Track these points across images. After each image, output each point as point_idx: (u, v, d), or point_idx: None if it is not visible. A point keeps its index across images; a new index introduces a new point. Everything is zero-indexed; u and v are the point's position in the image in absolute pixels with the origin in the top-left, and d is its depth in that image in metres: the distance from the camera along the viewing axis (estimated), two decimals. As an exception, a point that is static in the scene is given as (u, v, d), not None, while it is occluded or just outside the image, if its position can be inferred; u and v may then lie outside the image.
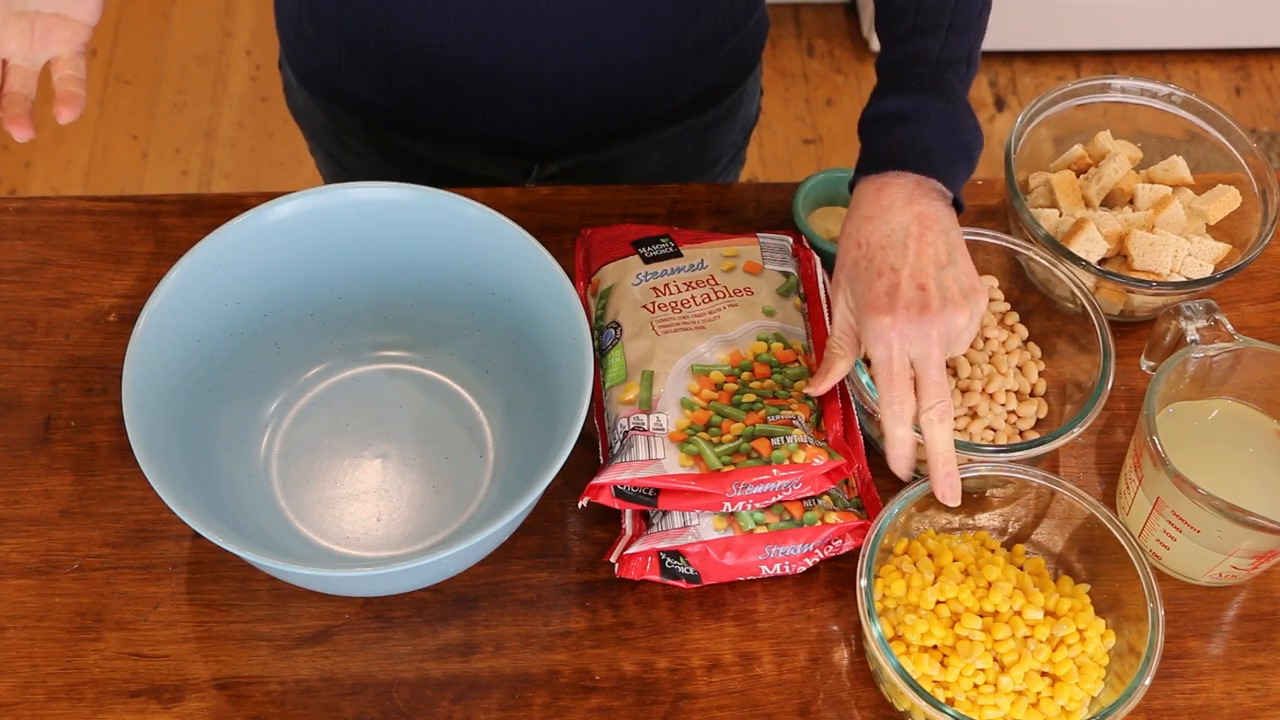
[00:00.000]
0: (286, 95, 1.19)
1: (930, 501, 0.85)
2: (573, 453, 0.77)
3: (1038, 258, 0.93)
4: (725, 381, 0.88)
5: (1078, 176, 1.02)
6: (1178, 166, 1.02)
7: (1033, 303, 0.95)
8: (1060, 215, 0.99)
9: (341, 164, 1.18)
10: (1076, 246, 0.95)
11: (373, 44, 1.01)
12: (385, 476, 0.91)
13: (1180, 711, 0.84)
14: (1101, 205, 1.01)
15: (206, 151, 2.20)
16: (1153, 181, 1.02)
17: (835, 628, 0.86)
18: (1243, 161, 1.00)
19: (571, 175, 1.15)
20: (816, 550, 0.86)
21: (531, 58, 0.99)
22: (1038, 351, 0.94)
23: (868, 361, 0.92)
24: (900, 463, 0.84)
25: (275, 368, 0.92)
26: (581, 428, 0.78)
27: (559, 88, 1.02)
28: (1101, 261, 0.97)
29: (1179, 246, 0.96)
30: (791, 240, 0.98)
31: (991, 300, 0.95)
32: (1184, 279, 0.96)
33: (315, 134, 1.18)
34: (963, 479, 0.84)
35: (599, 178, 1.14)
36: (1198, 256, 0.96)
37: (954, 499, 0.82)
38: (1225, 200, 0.99)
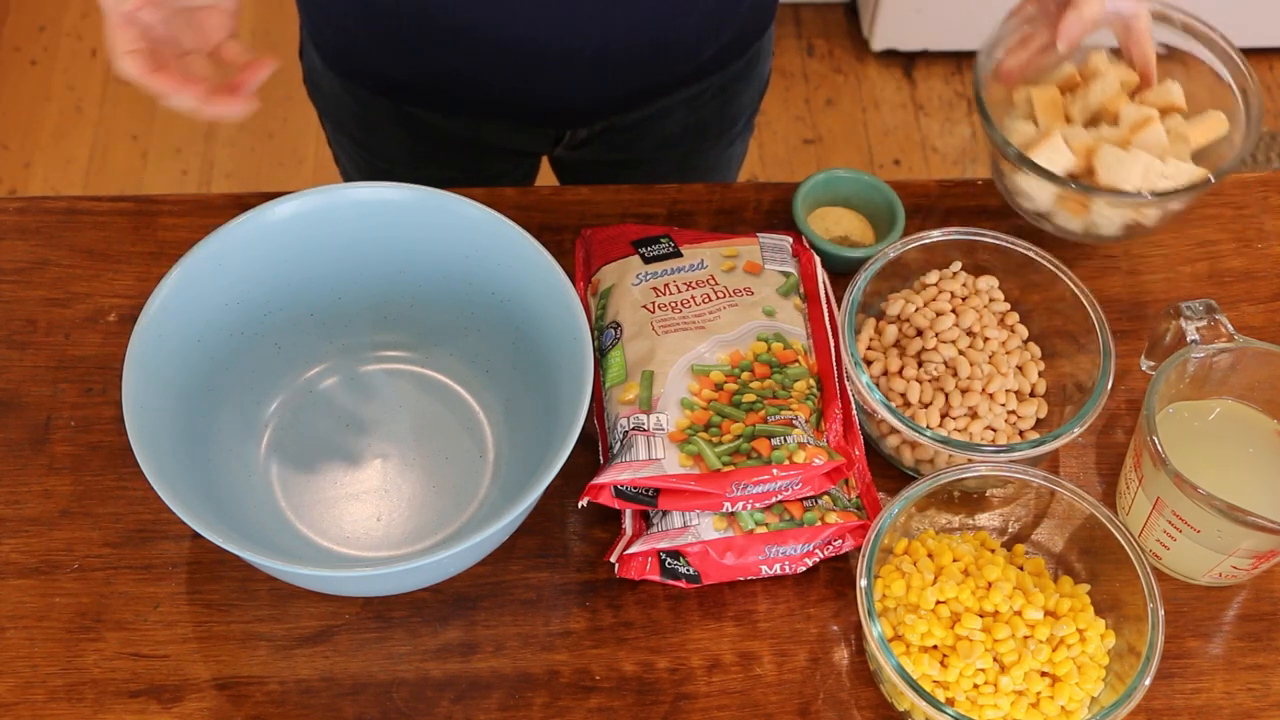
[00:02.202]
0: (309, 85, 1.19)
1: (930, 501, 0.85)
2: (573, 453, 0.77)
3: (1039, 258, 0.93)
4: (725, 381, 0.88)
5: (1064, 94, 0.98)
6: (1171, 91, 0.97)
7: (1033, 303, 0.95)
8: (1036, 130, 0.96)
9: (367, 147, 1.18)
10: (1039, 156, 0.92)
11: (406, 24, 1.02)
12: (385, 476, 0.91)
13: (1180, 711, 0.84)
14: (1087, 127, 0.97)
15: (206, 151, 2.21)
16: (1142, 105, 0.97)
17: (835, 628, 0.86)
18: (1230, 77, 0.96)
19: (600, 140, 1.15)
20: (816, 550, 0.86)
21: (570, 26, 0.99)
22: (1038, 351, 0.94)
23: (868, 362, 0.93)
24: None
25: (275, 368, 0.92)
26: (581, 428, 0.78)
27: (597, 54, 1.02)
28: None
29: (1151, 165, 0.91)
30: (791, 240, 0.98)
31: (991, 300, 0.95)
32: (1148, 193, 0.91)
33: (339, 121, 1.18)
34: (963, 479, 0.85)
35: (625, 140, 1.16)
36: (1172, 180, 0.92)
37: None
38: (1210, 124, 0.95)
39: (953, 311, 0.93)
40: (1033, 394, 0.92)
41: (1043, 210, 0.97)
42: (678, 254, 0.95)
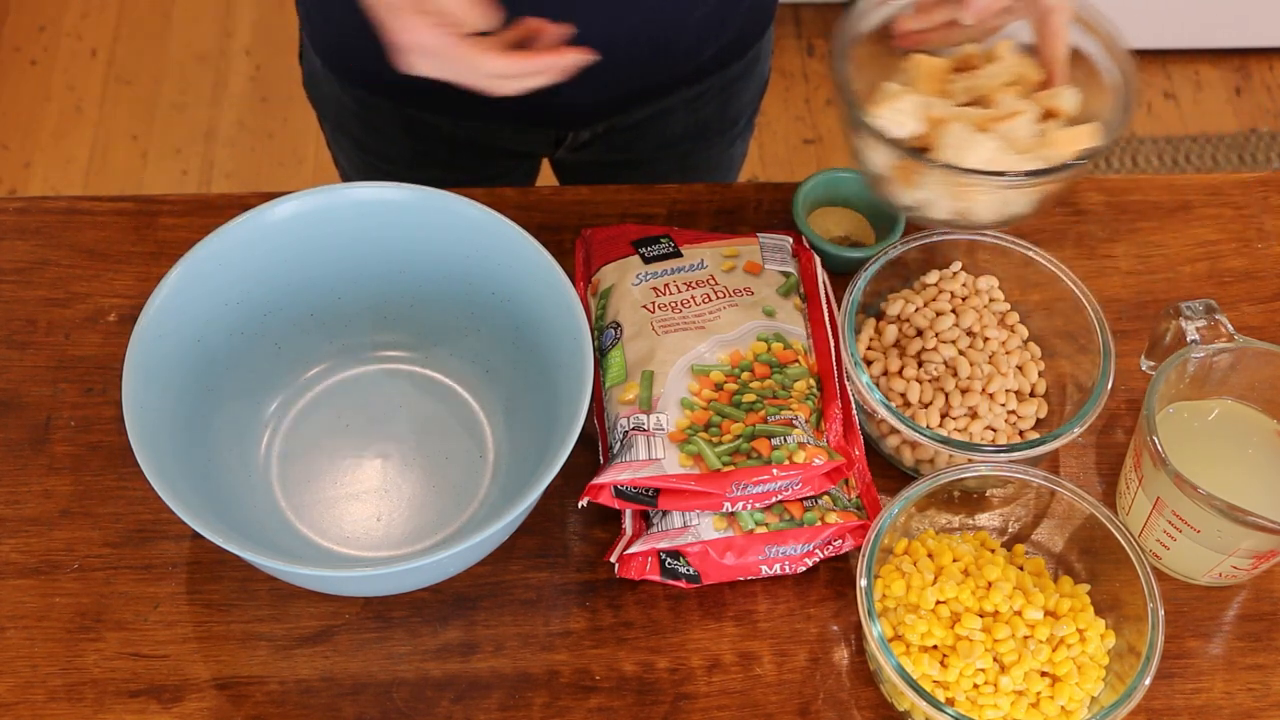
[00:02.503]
0: (309, 87, 1.19)
1: (930, 501, 0.85)
2: (573, 453, 0.77)
3: (1039, 258, 0.93)
4: (725, 381, 0.88)
5: (956, 73, 0.92)
6: (1062, 95, 0.88)
7: (1033, 303, 0.95)
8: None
9: (367, 149, 1.18)
10: (881, 115, 0.86)
11: None
12: (385, 476, 0.91)
13: (1180, 711, 0.84)
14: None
15: (206, 151, 2.20)
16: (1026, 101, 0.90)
17: (835, 628, 0.86)
18: (1114, 79, 0.89)
19: (601, 140, 1.15)
20: (816, 550, 0.86)
21: (573, 25, 0.99)
22: (1038, 351, 0.94)
23: (868, 362, 0.93)
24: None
25: (275, 368, 0.92)
26: (581, 428, 0.78)
27: (599, 53, 1.02)
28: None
29: (998, 155, 0.85)
30: (791, 240, 0.98)
31: (991, 300, 0.95)
32: (991, 171, 0.84)
33: (341, 123, 1.18)
34: (963, 479, 0.85)
35: (626, 141, 1.16)
36: None
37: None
38: (1079, 135, 0.87)
39: (953, 311, 0.93)
40: (1033, 394, 0.92)
41: (878, 175, 0.90)
42: (678, 254, 0.95)
